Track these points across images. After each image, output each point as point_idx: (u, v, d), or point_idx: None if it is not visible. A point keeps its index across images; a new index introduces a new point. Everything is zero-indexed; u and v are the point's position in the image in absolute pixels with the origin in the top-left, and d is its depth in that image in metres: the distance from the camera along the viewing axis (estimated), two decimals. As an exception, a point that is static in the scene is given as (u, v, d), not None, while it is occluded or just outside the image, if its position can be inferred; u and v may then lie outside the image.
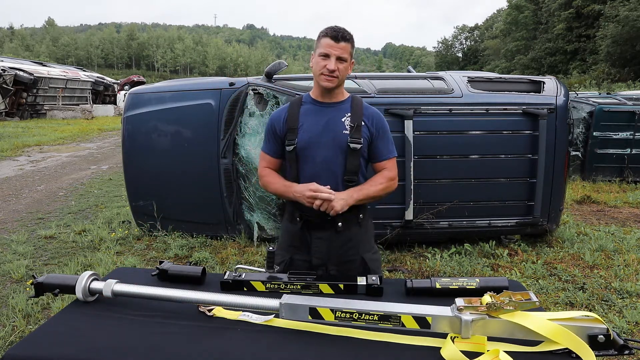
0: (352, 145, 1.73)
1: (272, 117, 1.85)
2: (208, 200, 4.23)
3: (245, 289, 1.48)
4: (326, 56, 1.69)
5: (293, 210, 1.82)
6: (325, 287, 1.44)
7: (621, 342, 1.07)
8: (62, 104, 21.52)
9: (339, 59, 1.69)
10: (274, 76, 4.05)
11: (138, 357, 1.12)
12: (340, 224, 1.76)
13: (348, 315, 1.18)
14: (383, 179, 1.81)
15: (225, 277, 1.49)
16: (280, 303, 1.22)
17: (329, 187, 1.68)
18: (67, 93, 22.14)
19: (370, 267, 1.81)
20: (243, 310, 1.30)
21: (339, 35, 1.68)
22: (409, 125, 3.81)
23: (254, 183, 4.09)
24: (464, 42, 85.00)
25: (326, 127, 1.76)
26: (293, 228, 1.83)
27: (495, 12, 77.92)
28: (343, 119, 1.76)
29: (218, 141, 4.10)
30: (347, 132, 1.74)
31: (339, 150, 1.74)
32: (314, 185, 1.67)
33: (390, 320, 1.16)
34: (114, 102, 25.95)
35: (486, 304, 1.09)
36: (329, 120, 1.77)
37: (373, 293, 1.45)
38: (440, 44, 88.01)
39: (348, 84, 4.01)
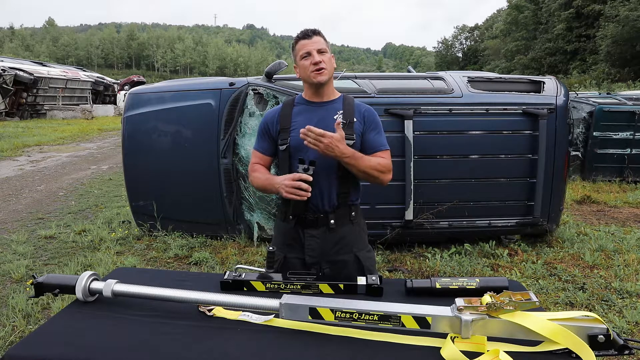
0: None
1: (265, 117, 1.89)
2: (208, 200, 4.23)
3: (245, 289, 1.48)
4: (308, 54, 1.74)
5: (286, 208, 1.82)
6: (325, 287, 1.44)
7: (621, 342, 1.07)
8: (62, 104, 21.53)
9: (319, 52, 1.74)
10: (274, 76, 4.05)
11: (138, 357, 1.12)
12: (332, 221, 1.76)
13: (348, 315, 1.18)
14: (380, 160, 1.77)
15: (225, 277, 1.49)
16: (280, 303, 1.22)
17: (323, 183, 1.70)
18: (67, 93, 22.15)
19: (364, 265, 1.81)
20: (243, 310, 1.30)
21: (308, 32, 1.76)
22: (409, 125, 3.81)
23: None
24: (464, 42, 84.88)
25: (318, 125, 1.75)
26: (286, 226, 1.83)
27: (495, 12, 77.92)
28: (335, 117, 1.78)
29: (218, 141, 4.10)
30: None
31: None
32: (295, 175, 1.63)
33: (390, 320, 1.15)
34: (114, 102, 25.96)
35: (486, 304, 1.09)
36: (321, 118, 1.78)
37: (373, 293, 1.44)
38: (440, 44, 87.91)
39: (348, 84, 4.01)
